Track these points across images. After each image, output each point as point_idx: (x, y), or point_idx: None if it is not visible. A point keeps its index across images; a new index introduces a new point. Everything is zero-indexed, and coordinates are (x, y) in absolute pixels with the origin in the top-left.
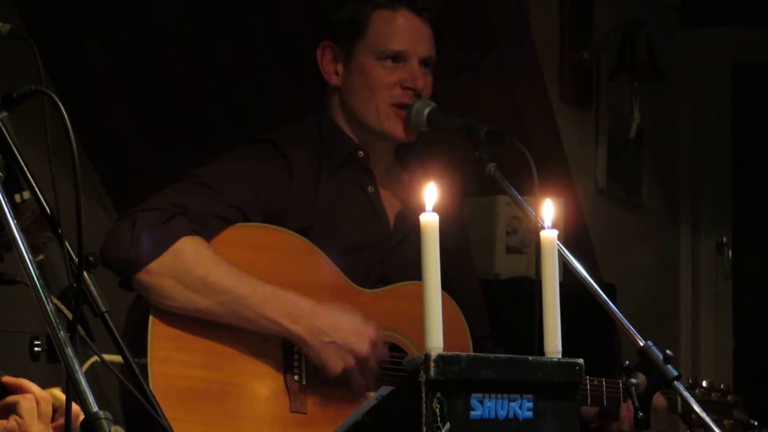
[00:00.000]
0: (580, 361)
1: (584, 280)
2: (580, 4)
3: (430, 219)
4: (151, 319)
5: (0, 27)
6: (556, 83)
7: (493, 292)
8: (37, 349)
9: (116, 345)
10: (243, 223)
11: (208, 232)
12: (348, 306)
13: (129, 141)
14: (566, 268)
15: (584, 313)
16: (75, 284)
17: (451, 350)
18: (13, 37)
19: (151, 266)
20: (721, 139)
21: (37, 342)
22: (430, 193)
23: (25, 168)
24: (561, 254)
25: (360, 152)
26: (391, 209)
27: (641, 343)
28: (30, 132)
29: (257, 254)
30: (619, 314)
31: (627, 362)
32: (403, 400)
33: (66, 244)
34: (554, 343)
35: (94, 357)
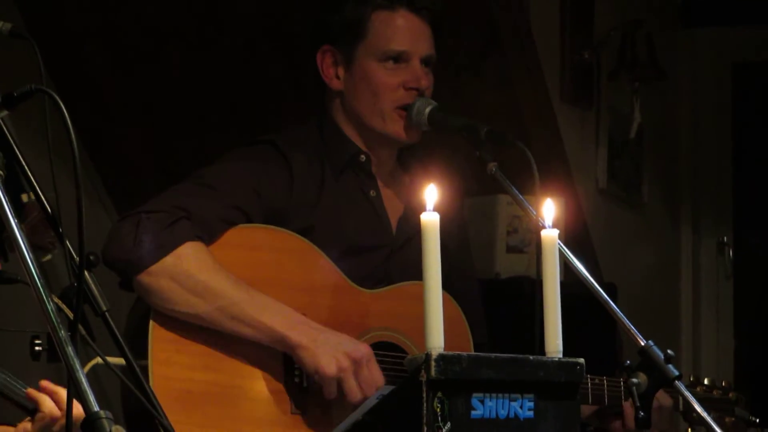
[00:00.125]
0: (581, 360)
1: (585, 279)
2: (581, 4)
3: (430, 218)
4: (151, 322)
5: (1, 26)
6: (557, 83)
7: (493, 292)
8: (37, 348)
9: (117, 344)
10: (244, 225)
11: (211, 235)
12: (348, 306)
13: (129, 140)
14: (567, 267)
15: (585, 313)
16: (76, 283)
17: (451, 350)
18: (14, 36)
19: (153, 268)
20: (721, 139)
21: (37, 341)
22: (431, 193)
23: (26, 167)
24: (562, 254)
25: (362, 156)
26: (393, 213)
27: (642, 343)
28: (31, 131)
29: (258, 255)
30: (620, 314)
31: (628, 362)
32: (404, 399)
33: (67, 243)
34: (555, 342)
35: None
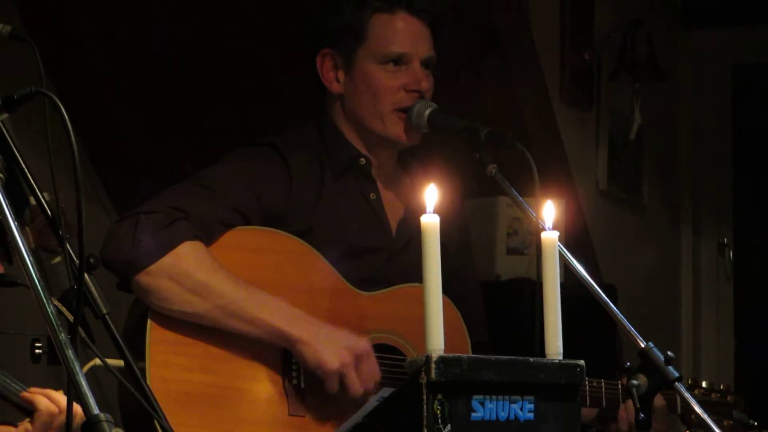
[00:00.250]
0: (581, 362)
1: (585, 281)
2: (581, 5)
3: (430, 220)
4: (149, 323)
5: (1, 28)
6: (557, 84)
7: (493, 294)
8: (38, 351)
9: (117, 347)
10: (243, 227)
11: (209, 236)
12: (347, 308)
13: (130, 142)
14: (567, 269)
15: (585, 315)
16: (76, 286)
17: (451, 351)
18: (13, 38)
19: (151, 268)
20: (721, 140)
21: (38, 344)
22: (431, 195)
23: (26, 170)
24: (562, 255)
25: (362, 159)
26: (393, 216)
27: (642, 345)
28: (31, 133)
29: (257, 257)
30: (620, 315)
31: (628, 363)
32: (404, 401)
33: (67, 245)
34: (555, 344)
35: (95, 360)
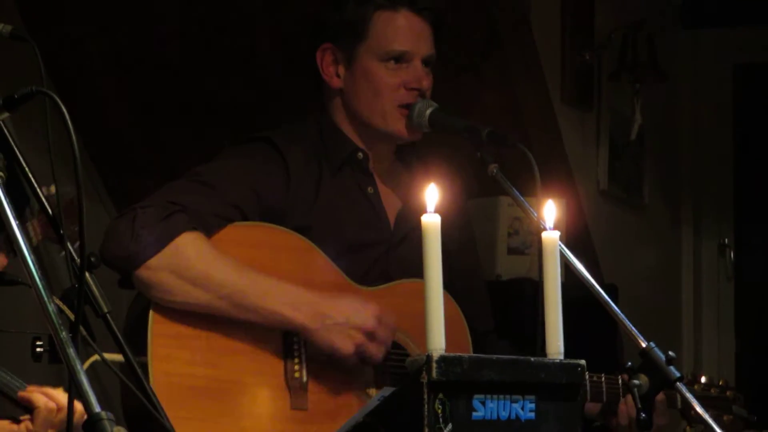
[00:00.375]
0: (582, 362)
1: (586, 281)
2: (582, 5)
3: (431, 220)
4: (151, 317)
5: (1, 28)
6: (558, 84)
7: (494, 294)
8: (39, 349)
9: (118, 345)
10: (241, 222)
11: (207, 230)
12: (346, 293)
13: (130, 141)
14: (568, 269)
15: (586, 314)
16: (77, 285)
17: (450, 348)
18: (14, 38)
19: (151, 262)
20: (722, 140)
21: (39, 343)
22: (432, 194)
23: (27, 169)
24: (563, 255)
25: (359, 154)
26: (391, 209)
27: (643, 344)
28: (31, 132)
29: (256, 253)
30: (621, 315)
31: (629, 363)
32: (405, 401)
33: (68, 244)
34: (556, 344)
35: (95, 356)
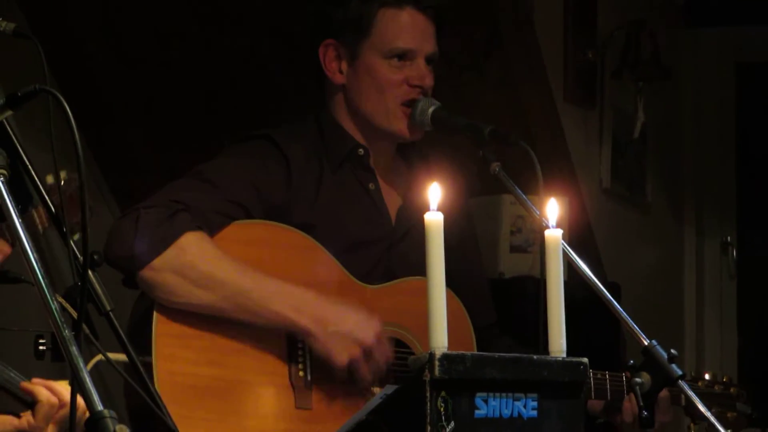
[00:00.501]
0: (585, 360)
1: (589, 279)
2: (584, 4)
3: (434, 218)
4: (155, 317)
5: (4, 26)
6: (561, 83)
7: (497, 291)
8: (41, 347)
9: (121, 343)
10: (244, 220)
11: (210, 228)
12: (352, 301)
13: (132, 139)
14: (570, 267)
15: (588, 312)
16: (80, 283)
17: (453, 345)
18: (17, 35)
19: (155, 263)
20: (725, 138)
21: (41, 341)
22: (434, 193)
23: (30, 167)
24: (565, 253)
25: (360, 150)
26: (392, 205)
27: (646, 342)
28: (34, 131)
29: (259, 251)
30: (624, 313)
31: (631, 361)
32: (408, 399)
33: (71, 242)
34: (559, 342)
35: (99, 356)
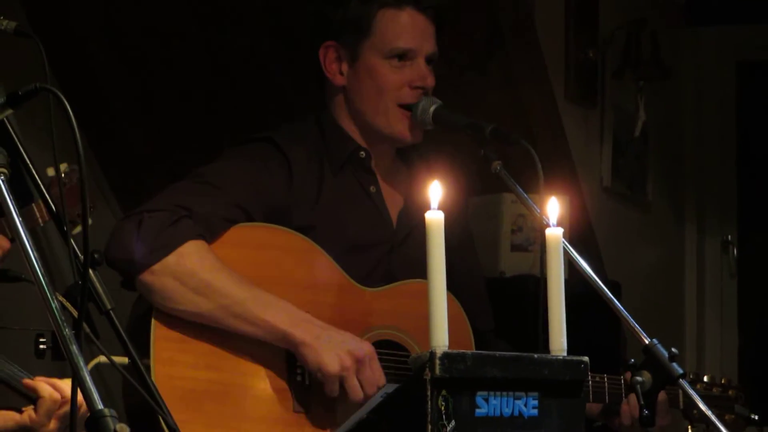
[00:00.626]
0: (585, 358)
1: (589, 277)
2: (585, 3)
3: (435, 217)
4: (153, 321)
5: (6, 24)
6: (562, 82)
7: (498, 290)
8: (42, 346)
9: (121, 342)
10: (245, 223)
11: (213, 234)
12: (351, 304)
13: (132, 139)
14: (571, 265)
15: (589, 311)
16: (80, 281)
17: (453, 347)
18: (18, 34)
19: (155, 267)
20: (725, 137)
21: (42, 339)
22: (435, 192)
23: (31, 166)
24: (566, 252)
25: (361, 153)
26: (393, 207)
27: (646, 341)
28: (35, 129)
29: (260, 254)
30: (624, 312)
31: (632, 360)
32: (409, 398)
33: (71, 241)
34: (559, 340)
35: (99, 357)
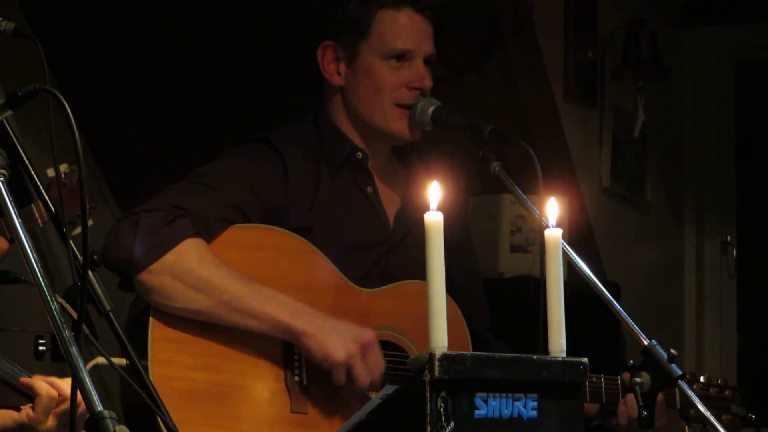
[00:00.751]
0: (585, 360)
1: (588, 278)
2: (585, 3)
3: (434, 218)
4: (151, 321)
5: (5, 25)
6: (561, 82)
7: (497, 291)
8: (41, 348)
9: (120, 344)
10: (242, 224)
11: (210, 233)
12: (348, 305)
13: (133, 139)
14: (570, 266)
15: (588, 312)
16: (80, 283)
17: (451, 348)
18: (17, 35)
19: (153, 267)
20: (725, 137)
21: (41, 341)
22: (434, 193)
23: (30, 167)
24: (565, 253)
25: (358, 153)
26: (390, 208)
27: (645, 342)
28: (34, 130)
29: (257, 255)
30: (624, 313)
31: (631, 361)
32: (408, 399)
33: (71, 243)
34: (559, 342)
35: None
